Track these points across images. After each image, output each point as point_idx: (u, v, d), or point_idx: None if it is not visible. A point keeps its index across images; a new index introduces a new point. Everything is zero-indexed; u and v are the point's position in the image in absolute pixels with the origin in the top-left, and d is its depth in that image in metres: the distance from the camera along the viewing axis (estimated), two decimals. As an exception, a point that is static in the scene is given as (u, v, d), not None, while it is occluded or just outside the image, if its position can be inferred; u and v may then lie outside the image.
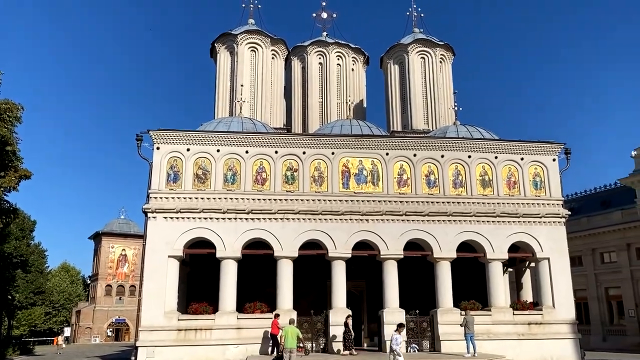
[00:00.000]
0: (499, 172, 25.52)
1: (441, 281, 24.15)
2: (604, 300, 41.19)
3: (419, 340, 23.49)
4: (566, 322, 24.26)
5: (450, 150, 25.47)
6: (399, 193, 24.73)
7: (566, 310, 24.47)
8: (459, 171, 25.40)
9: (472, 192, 25.10)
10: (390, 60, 36.72)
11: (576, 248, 40.71)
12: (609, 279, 40.85)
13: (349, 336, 21.89)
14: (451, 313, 23.48)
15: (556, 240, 25.09)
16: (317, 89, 36.72)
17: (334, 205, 24.05)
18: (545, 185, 25.70)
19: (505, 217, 24.89)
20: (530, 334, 23.73)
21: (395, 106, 36.01)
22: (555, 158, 26.09)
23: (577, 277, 38.69)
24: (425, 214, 24.44)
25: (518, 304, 24.95)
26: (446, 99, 35.02)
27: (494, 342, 23.13)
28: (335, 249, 23.68)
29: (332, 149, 24.77)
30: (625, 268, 39.44)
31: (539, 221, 25.13)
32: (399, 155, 25.17)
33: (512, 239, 24.85)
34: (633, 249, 39.03)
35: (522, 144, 25.93)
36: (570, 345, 23.90)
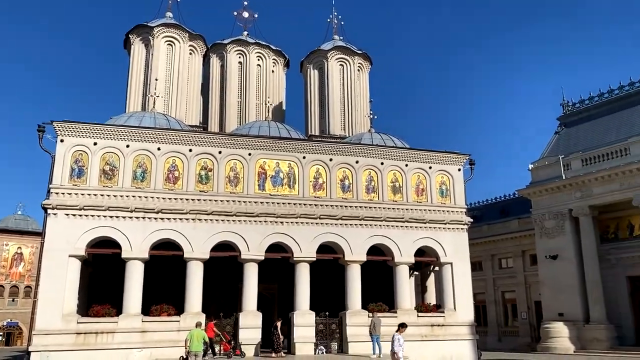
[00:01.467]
0: (409, 179, 26.53)
1: (351, 284, 24.66)
2: (501, 304, 44.04)
3: (327, 342, 23.83)
4: (466, 323, 25.64)
5: (365, 156, 26.14)
6: (314, 196, 24.98)
7: (466, 312, 25.88)
8: (372, 177, 26.11)
9: (383, 197, 25.90)
10: (310, 65, 37.10)
11: (477, 254, 43.20)
12: (505, 283, 43.73)
13: (277, 339, 21.99)
14: (359, 315, 24.04)
15: (459, 246, 26.49)
16: (235, 88, 36.29)
17: (248, 207, 23.83)
18: (450, 193, 27.06)
19: (413, 222, 25.91)
20: (433, 335, 24.84)
21: (313, 111, 36.41)
22: (460, 168, 27.55)
23: (477, 281, 41.09)
24: (339, 218, 24.86)
25: (422, 306, 26.05)
26: (362, 107, 35.94)
27: (399, 343, 23.89)
28: (249, 251, 23.46)
29: (249, 150, 24.56)
30: (520, 273, 42.41)
31: (443, 227, 26.40)
32: (315, 159, 25.43)
33: (418, 244, 25.91)
34: (527, 255, 42.06)
35: (431, 153, 27.15)
36: (469, 345, 25.29)
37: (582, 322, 33.69)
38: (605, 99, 38.10)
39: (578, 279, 34.53)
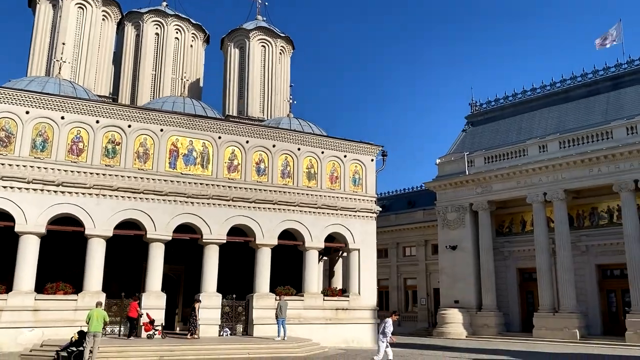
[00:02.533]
0: (324, 166, 26.89)
1: (260, 267, 24.68)
2: (402, 290, 46.11)
3: (233, 324, 23.78)
4: (368, 308, 26.59)
5: (282, 141, 26.11)
6: (228, 178, 24.62)
7: (370, 297, 26.83)
8: (288, 162, 26.16)
9: (298, 183, 26.07)
10: (231, 44, 36.31)
11: (383, 241, 44.83)
12: (408, 270, 45.79)
13: (194, 320, 21.62)
14: (267, 298, 24.16)
15: (367, 234, 27.34)
16: (150, 60, 34.75)
17: (157, 185, 23.01)
18: (362, 182, 27.79)
19: (325, 209, 26.35)
20: (337, 318, 25.53)
21: (232, 91, 35.75)
22: (373, 158, 28.35)
23: (382, 267, 42.71)
24: (252, 201, 24.71)
25: (329, 290, 26.66)
26: (282, 91, 35.82)
27: (304, 326, 24.37)
28: (155, 231, 22.71)
29: (161, 126, 23.66)
30: (422, 262, 44.58)
31: (354, 215, 27.10)
32: (231, 140, 25.03)
33: (329, 230, 26.42)
34: (430, 245, 44.27)
35: (347, 142, 27.67)
36: (370, 329, 26.27)
37: (475, 309, 36.10)
38: (509, 102, 40.70)
39: (474, 269, 36.88)
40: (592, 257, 33.14)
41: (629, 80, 34.25)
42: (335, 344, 24.21)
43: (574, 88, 36.90)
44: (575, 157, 32.33)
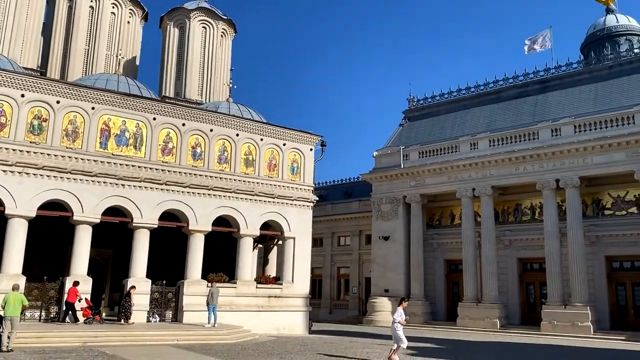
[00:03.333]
0: (263, 153, 26.72)
1: (193, 253, 24.27)
2: (335, 278, 46.84)
3: (162, 310, 23.29)
4: (301, 296, 26.81)
5: (220, 125, 25.67)
6: (162, 161, 23.96)
7: (303, 285, 27.05)
8: (225, 147, 25.78)
9: (235, 169, 25.77)
10: (171, 23, 35.21)
11: (319, 231, 45.25)
12: (341, 259, 46.53)
13: (129, 305, 21.16)
14: (198, 284, 23.82)
15: (303, 222, 27.48)
16: (84, 34, 33.11)
17: (87, 165, 22.04)
18: (300, 171, 27.87)
19: (262, 196, 26.23)
20: (269, 306, 25.58)
21: (170, 71, 34.72)
22: (312, 148, 28.46)
23: (316, 256, 43.10)
24: (186, 186, 24.20)
25: (262, 278, 26.64)
26: (222, 74, 35.19)
27: (236, 313, 24.25)
28: (83, 213, 21.78)
29: (93, 104, 22.63)
30: (355, 251, 45.41)
31: (291, 203, 27.15)
32: (167, 122, 24.35)
33: (265, 218, 26.34)
34: (364, 235, 45.13)
35: (287, 130, 27.61)
36: (302, 316, 26.52)
37: (403, 298, 37.21)
38: (445, 99, 41.97)
39: (404, 259, 38.00)
40: (514, 251, 34.98)
41: (556, 85, 36.19)
42: (266, 331, 24.27)
43: (505, 89, 38.55)
44: (503, 155, 33.88)
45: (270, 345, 19.55)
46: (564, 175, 31.50)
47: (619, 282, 31.50)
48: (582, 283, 30.26)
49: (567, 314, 29.83)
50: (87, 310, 20.70)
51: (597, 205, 32.25)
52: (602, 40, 39.35)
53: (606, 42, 39.06)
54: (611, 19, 40.17)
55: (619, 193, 31.60)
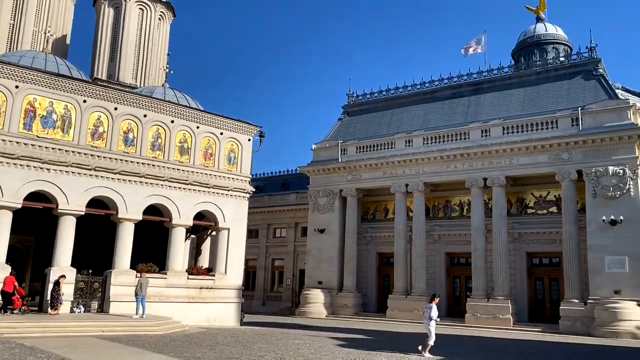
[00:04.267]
0: (199, 142, 26.20)
1: (121, 242, 23.50)
2: (270, 270, 46.79)
3: (87, 300, 22.43)
4: (234, 287, 26.60)
5: (155, 111, 24.92)
6: (91, 146, 22.98)
7: (236, 277, 26.84)
8: (159, 134, 25.07)
9: (169, 157, 25.13)
10: (106, 2, 33.76)
11: (255, 222, 45.02)
12: (277, 251, 46.52)
13: (57, 295, 20.33)
14: (126, 274, 23.10)
15: (238, 213, 27.23)
16: (9, 7, 31.17)
17: (8, 147, 20.78)
18: (238, 161, 27.56)
19: (197, 185, 25.74)
20: (201, 297, 25.21)
21: (103, 53, 33.30)
22: (250, 138, 28.21)
23: (251, 248, 42.89)
24: (117, 172, 23.35)
25: (194, 269, 26.18)
26: (159, 59, 34.15)
27: (166, 304, 23.72)
28: (3, 197, 20.54)
29: (17, 82, 21.33)
30: (290, 243, 45.54)
31: (226, 194, 26.81)
32: (98, 106, 23.35)
33: (199, 207, 25.88)
34: (300, 227, 45.32)
35: (224, 119, 27.20)
36: (234, 308, 26.34)
37: (336, 290, 37.82)
38: (383, 96, 42.74)
39: (338, 252, 38.55)
40: (442, 246, 36.33)
41: (488, 87, 37.73)
42: (197, 323, 23.92)
43: (440, 89, 39.76)
44: (436, 153, 35.02)
45: (200, 336, 19.30)
46: (491, 175, 32.98)
47: (538, 277, 33.46)
48: (504, 278, 31.89)
49: (489, 307, 31.35)
50: (18, 300, 19.71)
51: (521, 204, 34.04)
52: (531, 47, 41.34)
53: (535, 49, 41.07)
54: (541, 27, 42.27)
55: (541, 193, 33.49)
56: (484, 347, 20.09)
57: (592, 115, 30.71)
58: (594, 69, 33.56)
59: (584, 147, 30.47)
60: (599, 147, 30.03)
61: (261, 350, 15.66)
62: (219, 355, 14.22)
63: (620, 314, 26.95)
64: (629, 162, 29.06)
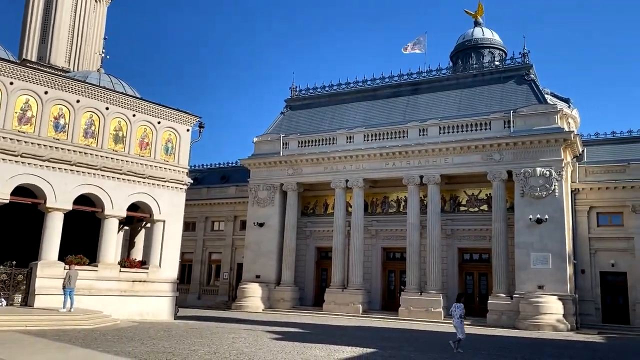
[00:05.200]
0: (134, 130, 25.38)
1: (49, 233, 22.41)
2: (206, 263, 46.07)
3: (10, 293, 21.27)
4: (168, 281, 26.01)
5: (88, 97, 23.90)
6: (18, 130, 21.76)
7: (171, 270, 26.25)
8: (93, 121, 24.08)
9: (103, 145, 24.20)
10: (38, -21, 31.90)
11: (192, 214, 44.21)
12: (214, 244, 45.84)
13: None
14: (54, 266, 22.08)
15: (175, 205, 26.61)
16: None
17: None
18: (175, 152, 26.91)
19: (131, 176, 24.95)
20: (133, 290, 24.49)
21: (33, 33, 31.55)
22: (189, 128, 27.61)
23: (188, 241, 42.10)
24: (45, 159, 22.23)
25: (127, 261, 25.39)
26: (95, 42, 32.75)
27: (95, 297, 22.89)
28: None
29: None
30: (229, 237, 45.01)
31: (163, 185, 26.14)
32: (26, 89, 22.12)
33: (133, 198, 25.10)
34: (239, 221, 44.87)
35: (162, 108, 26.46)
36: (168, 302, 25.76)
37: (274, 284, 37.79)
38: (326, 91, 42.98)
39: (277, 246, 38.52)
40: (379, 241, 37.10)
41: (426, 88, 38.77)
42: (129, 317, 23.24)
43: (381, 88, 40.46)
44: (376, 150, 35.66)
45: (131, 330, 18.77)
46: (427, 173, 33.96)
47: (468, 272, 34.85)
48: (437, 272, 32.98)
49: (422, 301, 32.34)
50: None
51: (454, 201, 35.29)
52: (469, 50, 42.81)
53: (472, 52, 42.57)
54: (478, 31, 43.84)
55: (473, 191, 34.84)
56: (415, 339, 20.70)
57: (522, 119, 32.23)
58: (526, 74, 35.20)
59: (514, 149, 31.93)
60: (528, 149, 31.56)
61: (195, 345, 15.43)
62: (151, 350, 13.89)
63: (543, 308, 28.52)
64: (555, 164, 30.72)
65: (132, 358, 12.42)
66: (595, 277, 32.81)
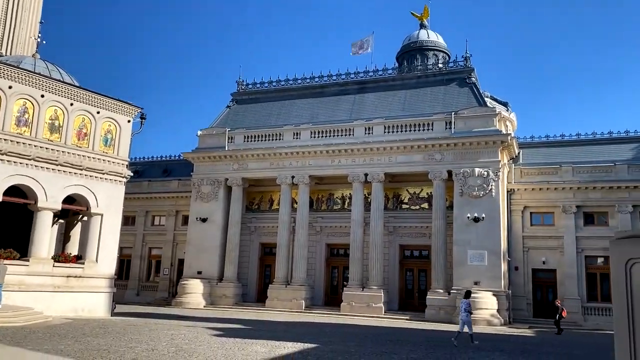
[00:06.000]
0: (72, 120, 24.37)
1: (-24, 225, 21.18)
2: (146, 259, 44.86)
3: None
4: (105, 276, 25.16)
5: (22, 83, 22.72)
6: (-59, 116, 20.38)
7: (108, 265, 25.40)
8: (26, 108, 22.92)
9: (37, 134, 23.08)
10: (-33, -45, 29.97)
11: (132, 208, 42.90)
12: (155, 240, 44.67)
13: None
14: (-19, 261, 20.87)
15: (114, 199, 25.76)
16: None
17: None
18: (115, 143, 26.03)
19: (68, 167, 23.94)
20: (68, 286, 23.54)
21: (-39, 12, 29.57)
22: (130, 120, 26.77)
23: (127, 235, 40.86)
24: (-28, 147, 20.94)
25: (61, 256, 24.38)
26: (30, 26, 31.12)
27: (27, 293, 21.85)
28: None
29: None
30: (170, 232, 44.00)
31: (101, 177, 25.24)
32: (-49, 71, 20.74)
33: (70, 190, 24.11)
34: (181, 215, 43.94)
35: (102, 98, 25.54)
36: (104, 298, 24.93)
37: (216, 280, 37.30)
38: (273, 86, 42.77)
39: (221, 241, 38.03)
40: (324, 237, 37.38)
41: (372, 87, 39.32)
42: (63, 314, 22.31)
43: (328, 85, 40.69)
44: (322, 147, 35.84)
45: (65, 327, 18.04)
46: (372, 171, 34.49)
47: (409, 268, 35.70)
48: (378, 268, 33.58)
49: (364, 296, 32.85)
50: None
51: (397, 199, 36.04)
52: (414, 52, 43.77)
53: (418, 54, 43.55)
54: (423, 33, 44.88)
55: (415, 190, 35.70)
56: (356, 334, 21.01)
57: (463, 120, 33.30)
58: (468, 77, 36.37)
59: (454, 149, 32.94)
60: (468, 150, 32.65)
61: (132, 342, 15.01)
62: (85, 347, 13.40)
63: (478, 303, 29.58)
64: (493, 165, 31.95)
65: (65, 356, 11.94)
66: (527, 273, 34.45)
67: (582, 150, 36.39)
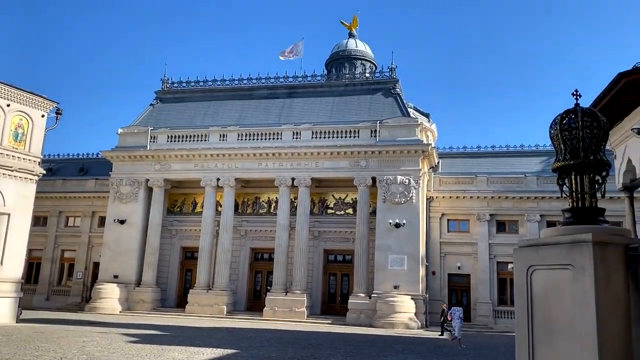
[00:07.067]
0: (-22, 111, 22.57)
1: None
2: (58, 262, 42.33)
3: None
4: (11, 280, 23.45)
5: None
6: None
7: (15, 268, 23.71)
8: None
9: None
10: None
11: (44, 208, 40.41)
12: (68, 242, 42.25)
13: None
14: None
15: (23, 197, 24.12)
16: None
17: None
18: (26, 139, 24.41)
19: (-29, 162, 22.14)
20: (-33, 291, 21.74)
21: None
22: (44, 114, 25.23)
23: (37, 237, 38.41)
24: None
25: (-40, 258, 22.47)
26: None
27: None
28: None
29: None
30: (85, 234, 41.78)
31: (9, 174, 23.56)
32: None
33: (-28, 188, 22.28)
34: (97, 216, 41.87)
35: (12, 89, 23.85)
36: (9, 303, 23.19)
37: (134, 284, 35.87)
38: (200, 86, 41.93)
39: (139, 244, 36.65)
40: (248, 241, 37.06)
41: (301, 92, 39.60)
42: (-41, 321, 20.57)
43: (257, 88, 40.50)
44: (250, 150, 35.57)
45: (-39, 336, 16.62)
46: (299, 175, 34.66)
47: (332, 272, 36.17)
48: (302, 273, 33.74)
49: (287, 301, 32.84)
50: None
51: (323, 204, 36.45)
52: (342, 60, 44.55)
53: (346, 62, 44.36)
54: (352, 43, 45.79)
55: (340, 195, 36.28)
56: (277, 339, 20.95)
57: (387, 129, 34.27)
58: (393, 87, 37.51)
59: (379, 157, 33.81)
60: (392, 158, 33.62)
61: (39, 350, 14.10)
62: (-16, 357, 12.43)
63: (397, 307, 30.50)
64: (414, 173, 33.09)
65: (-40, 367, 11.02)
66: (444, 278, 35.93)
67: (496, 162, 38.60)
